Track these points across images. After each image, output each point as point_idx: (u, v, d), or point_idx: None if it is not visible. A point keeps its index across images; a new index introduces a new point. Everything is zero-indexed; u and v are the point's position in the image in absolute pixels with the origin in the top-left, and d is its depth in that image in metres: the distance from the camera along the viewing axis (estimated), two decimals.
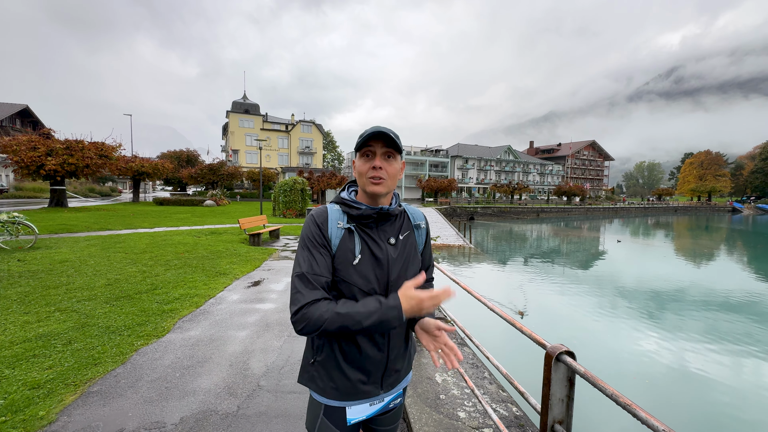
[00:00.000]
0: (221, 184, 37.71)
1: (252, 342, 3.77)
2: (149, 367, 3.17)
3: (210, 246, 9.41)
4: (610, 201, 68.19)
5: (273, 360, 3.38)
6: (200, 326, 4.15)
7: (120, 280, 5.86)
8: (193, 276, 6.32)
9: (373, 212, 1.19)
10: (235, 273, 6.70)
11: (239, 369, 3.18)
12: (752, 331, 7.27)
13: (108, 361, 3.24)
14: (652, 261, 16.39)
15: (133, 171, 27.12)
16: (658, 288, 10.76)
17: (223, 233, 12.22)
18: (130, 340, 3.67)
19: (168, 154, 49.53)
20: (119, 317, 4.26)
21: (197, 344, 3.66)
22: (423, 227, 1.33)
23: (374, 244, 1.19)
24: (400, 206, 1.29)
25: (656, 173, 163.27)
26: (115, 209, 20.71)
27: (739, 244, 23.33)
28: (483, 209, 41.48)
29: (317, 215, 1.21)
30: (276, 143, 59.31)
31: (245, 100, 59.43)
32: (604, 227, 34.06)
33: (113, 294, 5.11)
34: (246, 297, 5.35)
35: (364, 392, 1.20)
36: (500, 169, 74.79)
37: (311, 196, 27.09)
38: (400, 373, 1.27)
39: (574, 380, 1.37)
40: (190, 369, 3.15)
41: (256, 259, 8.13)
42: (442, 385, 2.79)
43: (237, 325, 4.21)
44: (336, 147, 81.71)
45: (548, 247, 20.61)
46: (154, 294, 5.20)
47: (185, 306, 4.78)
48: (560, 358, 1.35)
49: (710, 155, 79.36)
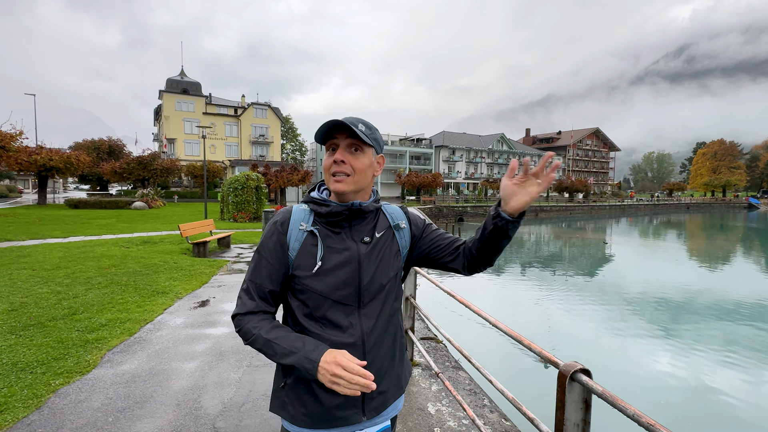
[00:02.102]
0: (154, 182, 36.48)
1: (203, 375, 3.69)
2: (72, 411, 3.05)
3: (143, 258, 9.11)
4: (617, 197, 71.33)
5: (230, 396, 3.33)
6: (136, 358, 4.02)
7: (28, 303, 5.59)
8: (123, 296, 6.11)
9: (343, 209, 1.21)
10: (176, 291, 6.53)
11: (190, 409, 3.12)
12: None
13: (18, 406, 3.09)
14: (662, 266, 17.30)
15: (38, 166, 25.77)
16: (671, 296, 11.37)
17: (158, 242, 11.84)
18: (46, 379, 3.51)
19: (84, 144, 47.41)
20: (29, 351, 4.06)
21: (133, 381, 3.55)
22: (405, 227, 1.36)
23: (343, 244, 1.22)
24: (378, 203, 1.32)
25: (666, 165, 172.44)
26: (15, 214, 19.62)
27: (757, 245, 25.02)
28: (473, 209, 42.33)
29: (279, 216, 1.27)
30: (222, 131, 58.07)
31: (183, 78, 57.86)
32: (610, 228, 35.60)
33: (19, 322, 4.86)
34: (192, 320, 5.23)
35: (342, 419, 1.19)
36: (492, 161, 76.57)
37: (268, 195, 26.70)
38: (386, 395, 1.26)
39: (590, 402, 1.46)
40: (126, 411, 3.06)
41: (203, 273, 7.96)
42: (436, 416, 2.86)
43: (183, 356, 4.12)
44: (297, 135, 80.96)
45: (549, 253, 21.31)
46: (73, 320, 4.99)
47: (115, 334, 4.62)
48: (575, 377, 1.43)
49: (724, 145, 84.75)
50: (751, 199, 73.07)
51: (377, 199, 1.33)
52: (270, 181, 31.16)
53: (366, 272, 1.22)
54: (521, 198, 1.18)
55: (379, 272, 1.24)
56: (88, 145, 46.52)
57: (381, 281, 1.24)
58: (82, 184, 60.04)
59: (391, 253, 1.30)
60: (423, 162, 69.49)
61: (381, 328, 1.25)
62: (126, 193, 38.56)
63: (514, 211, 1.18)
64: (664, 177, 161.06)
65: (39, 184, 28.31)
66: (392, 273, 1.28)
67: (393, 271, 1.29)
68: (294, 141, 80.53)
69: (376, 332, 1.23)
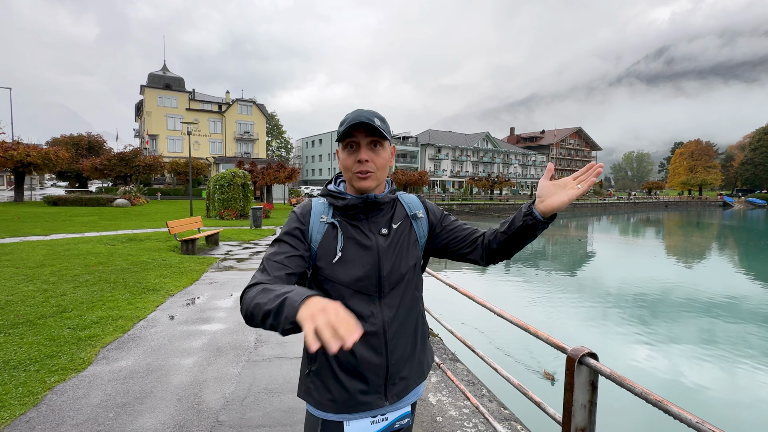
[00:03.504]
0: (136, 179, 35.74)
1: (202, 370, 3.69)
2: (71, 407, 3.02)
3: (131, 256, 8.96)
4: (599, 196, 72.82)
5: (232, 390, 3.34)
6: (131, 355, 3.99)
7: (13, 301, 5.46)
8: (112, 294, 6.02)
9: (359, 201, 1.25)
10: (167, 289, 6.46)
11: (191, 403, 3.12)
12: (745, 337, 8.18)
13: (14, 403, 3.04)
14: (642, 261, 17.79)
15: (15, 162, 24.98)
16: (653, 292, 11.72)
17: (145, 240, 11.66)
18: (41, 377, 3.46)
19: (62, 139, 46.22)
20: (21, 348, 3.99)
21: (131, 377, 3.53)
22: (422, 217, 1.39)
23: (363, 236, 1.25)
24: (393, 193, 1.36)
25: (645, 165, 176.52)
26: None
27: (731, 242, 25.91)
28: (459, 207, 42.72)
29: (299, 207, 1.30)
30: (207, 127, 57.19)
31: (166, 73, 56.75)
32: (592, 225, 36.35)
33: (7, 320, 4.76)
34: (186, 317, 5.19)
35: (365, 403, 1.23)
36: (478, 159, 77.28)
37: (254, 192, 26.41)
38: (408, 381, 1.31)
39: (597, 384, 1.54)
40: (126, 407, 3.05)
41: (193, 270, 7.88)
42: (437, 406, 2.92)
43: (180, 352, 4.10)
44: (282, 132, 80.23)
45: (533, 249, 21.66)
46: (63, 318, 4.91)
47: (108, 331, 4.57)
48: (583, 360, 1.51)
49: (700, 145, 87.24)
50: (725, 198, 75.49)
51: (393, 189, 1.36)
52: (256, 179, 30.84)
53: (385, 263, 1.25)
54: (559, 197, 1.19)
55: (398, 262, 1.28)
56: (67, 141, 45.34)
57: (400, 271, 1.28)
58: (60, 180, 58.42)
59: (410, 242, 1.33)
60: (409, 160, 69.69)
61: (402, 317, 1.29)
62: (107, 190, 37.66)
63: (550, 210, 1.19)
64: (643, 176, 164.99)
65: (15, 181, 27.43)
66: (411, 262, 1.32)
67: (412, 261, 1.32)
68: (279, 138, 79.78)
69: (397, 321, 1.27)
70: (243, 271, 8.18)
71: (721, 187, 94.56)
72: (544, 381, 5.82)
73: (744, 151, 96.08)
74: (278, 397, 3.26)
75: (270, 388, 3.41)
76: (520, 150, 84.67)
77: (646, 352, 7.14)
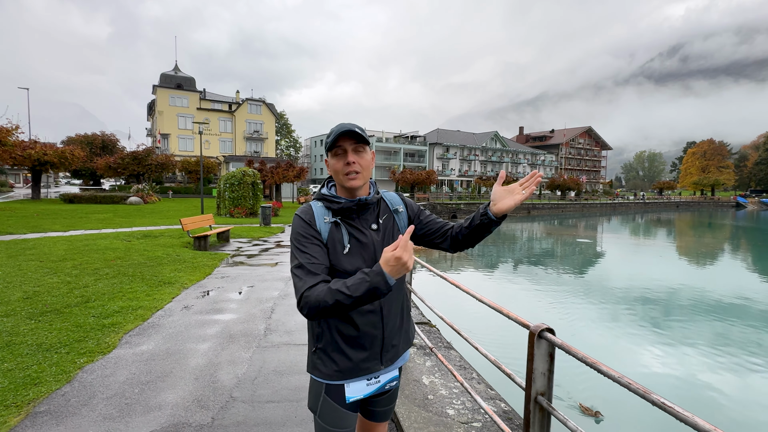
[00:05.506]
0: (148, 177, 36.48)
1: (216, 354, 4.02)
2: (101, 384, 3.36)
3: (146, 251, 9.37)
4: (608, 196, 72.30)
5: (244, 371, 3.66)
6: (152, 340, 4.34)
7: (41, 292, 5.86)
8: (131, 286, 6.39)
9: (352, 204, 1.52)
10: (182, 282, 6.83)
11: (207, 382, 3.45)
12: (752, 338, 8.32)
13: (49, 380, 3.39)
14: (651, 261, 17.84)
15: (32, 160, 25.75)
16: (659, 294, 11.84)
17: (159, 236, 12.09)
18: (71, 358, 3.82)
19: (77, 138, 47.23)
20: (51, 333, 4.35)
21: (153, 359, 3.87)
22: (402, 211, 1.67)
23: (359, 232, 1.53)
24: (378, 194, 1.64)
25: (657, 164, 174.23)
26: (11, 208, 19.69)
27: (744, 243, 25.71)
28: (467, 206, 42.80)
29: (303, 214, 1.53)
30: (217, 126, 57.98)
31: (177, 72, 57.62)
32: (601, 226, 36.23)
33: (36, 308, 5.14)
34: (201, 308, 5.54)
35: (365, 369, 1.53)
36: (486, 159, 77.12)
37: (263, 191, 26.87)
38: (398, 348, 1.61)
39: (554, 355, 1.81)
40: (149, 384, 3.38)
41: (206, 265, 8.25)
42: (429, 386, 3.21)
43: (196, 338, 4.44)
44: (291, 131, 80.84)
45: (541, 249, 21.78)
46: (87, 307, 5.28)
47: (129, 319, 4.92)
48: (542, 335, 1.78)
49: (713, 144, 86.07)
50: (739, 198, 74.41)
51: (377, 190, 1.65)
52: (266, 177, 31.31)
53: (380, 253, 1.52)
54: (507, 201, 1.47)
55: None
56: (81, 140, 46.31)
57: None
58: (74, 178, 59.66)
59: (395, 233, 1.62)
60: (417, 159, 69.87)
61: (393, 296, 1.57)
62: (120, 189, 38.48)
63: (500, 211, 1.47)
64: (655, 176, 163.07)
65: (33, 179, 28.23)
66: None
67: None
68: (288, 137, 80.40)
69: (389, 300, 1.56)
70: (253, 267, 8.53)
71: (735, 187, 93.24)
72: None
73: (758, 150, 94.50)
74: (286, 377, 3.58)
75: (278, 370, 3.72)
76: (529, 149, 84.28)
77: (646, 352, 7.33)
